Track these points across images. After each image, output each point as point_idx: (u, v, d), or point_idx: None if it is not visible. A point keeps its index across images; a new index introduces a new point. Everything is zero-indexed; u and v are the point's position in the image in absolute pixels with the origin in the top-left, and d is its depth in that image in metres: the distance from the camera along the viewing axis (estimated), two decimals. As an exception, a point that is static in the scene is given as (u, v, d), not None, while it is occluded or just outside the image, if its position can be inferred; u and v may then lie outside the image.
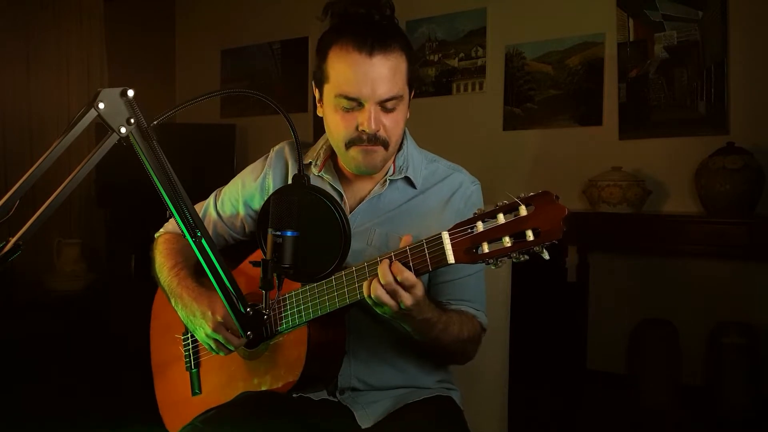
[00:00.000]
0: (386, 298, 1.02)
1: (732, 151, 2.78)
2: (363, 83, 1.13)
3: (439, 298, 1.24)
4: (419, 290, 1.03)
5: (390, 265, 1.02)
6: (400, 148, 1.30)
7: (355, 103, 1.15)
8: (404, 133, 1.31)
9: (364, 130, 1.15)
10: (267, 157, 1.39)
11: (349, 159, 1.22)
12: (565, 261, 3.09)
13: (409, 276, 1.01)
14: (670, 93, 3.09)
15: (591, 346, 3.13)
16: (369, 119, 1.14)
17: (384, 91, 1.14)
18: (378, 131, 1.16)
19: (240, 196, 1.38)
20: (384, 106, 1.16)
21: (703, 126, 3.01)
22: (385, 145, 1.19)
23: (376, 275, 1.03)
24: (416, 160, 1.31)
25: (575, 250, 3.11)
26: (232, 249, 1.46)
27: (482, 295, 1.29)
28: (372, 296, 1.03)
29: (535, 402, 2.76)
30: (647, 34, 3.13)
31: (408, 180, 1.28)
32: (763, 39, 2.90)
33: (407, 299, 1.02)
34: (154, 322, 1.51)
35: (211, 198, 1.44)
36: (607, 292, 3.23)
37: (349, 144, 1.18)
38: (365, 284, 1.05)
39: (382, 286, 1.02)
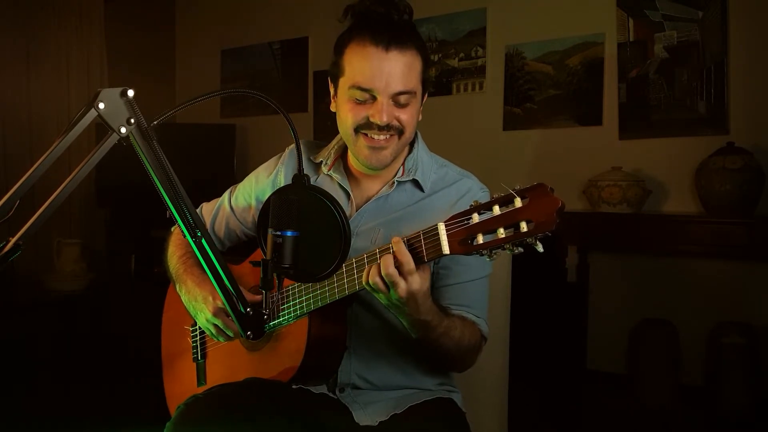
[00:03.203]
0: (381, 285, 1.05)
1: (732, 151, 2.78)
2: (378, 76, 1.16)
3: (441, 302, 1.25)
4: (415, 283, 1.04)
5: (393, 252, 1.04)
6: (410, 151, 1.31)
7: (368, 95, 1.18)
8: (416, 136, 1.33)
9: (374, 122, 1.18)
10: (281, 155, 1.42)
11: (358, 151, 1.23)
12: (565, 261, 3.09)
13: (409, 260, 1.02)
14: (670, 93, 3.09)
15: (591, 346, 3.13)
16: (381, 111, 1.17)
17: (398, 84, 1.17)
18: (390, 122, 1.18)
19: (252, 191, 1.42)
20: (397, 100, 1.18)
21: (703, 126, 3.01)
22: (400, 133, 1.21)
23: (376, 263, 1.05)
24: (426, 163, 1.32)
25: (575, 250, 3.11)
26: (232, 249, 1.47)
27: (483, 303, 1.29)
28: (370, 281, 1.06)
29: (535, 402, 2.76)
30: (647, 34, 3.13)
31: (416, 183, 1.29)
32: (763, 39, 2.90)
33: (401, 290, 1.03)
34: (165, 314, 1.54)
35: (226, 193, 1.48)
36: (607, 292, 3.23)
37: (358, 129, 1.20)
38: (365, 270, 1.07)
39: (380, 271, 1.04)
